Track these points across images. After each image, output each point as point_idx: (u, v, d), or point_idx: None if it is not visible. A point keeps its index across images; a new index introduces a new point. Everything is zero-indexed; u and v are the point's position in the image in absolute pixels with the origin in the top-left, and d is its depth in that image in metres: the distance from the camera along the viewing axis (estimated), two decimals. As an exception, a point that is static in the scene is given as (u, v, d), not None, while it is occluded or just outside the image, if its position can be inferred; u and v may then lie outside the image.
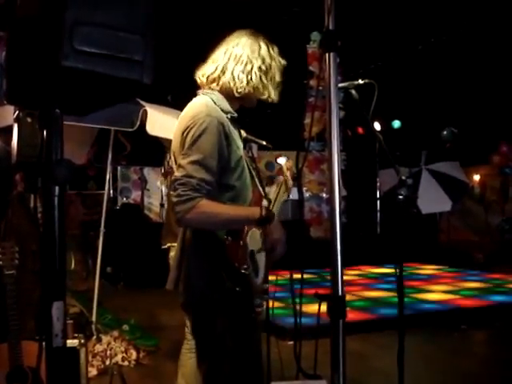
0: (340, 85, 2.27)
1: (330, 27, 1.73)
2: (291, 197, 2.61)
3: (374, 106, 2.32)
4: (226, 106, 2.21)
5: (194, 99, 2.25)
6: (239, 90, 2.20)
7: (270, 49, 2.28)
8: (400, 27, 8.60)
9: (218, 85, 2.23)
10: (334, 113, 1.70)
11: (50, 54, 1.26)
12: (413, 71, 10.37)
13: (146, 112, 4.65)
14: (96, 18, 1.29)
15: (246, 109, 2.34)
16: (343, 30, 1.73)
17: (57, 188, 1.42)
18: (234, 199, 2.14)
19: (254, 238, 2.16)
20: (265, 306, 2.27)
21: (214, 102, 2.18)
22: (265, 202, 2.24)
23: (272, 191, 2.37)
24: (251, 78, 2.20)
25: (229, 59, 2.21)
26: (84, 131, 5.85)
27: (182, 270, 2.14)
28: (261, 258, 2.22)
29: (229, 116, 2.19)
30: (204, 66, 2.29)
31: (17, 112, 1.50)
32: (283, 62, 2.32)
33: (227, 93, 2.22)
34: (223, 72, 2.21)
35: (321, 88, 1.72)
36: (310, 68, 9.20)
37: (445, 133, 11.51)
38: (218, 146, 2.05)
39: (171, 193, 2.03)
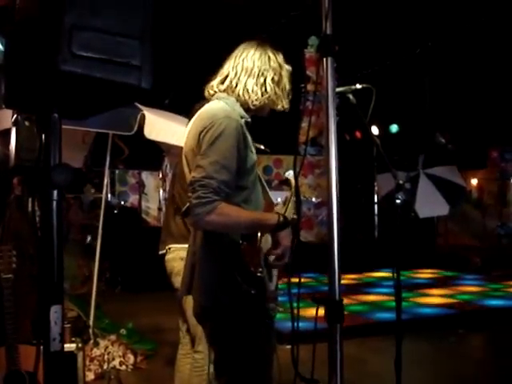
0: (337, 89, 2.28)
1: (328, 32, 1.74)
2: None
3: (372, 110, 2.33)
4: (241, 111, 2.18)
5: (208, 104, 2.21)
6: (254, 103, 2.19)
7: (278, 57, 2.26)
8: (398, 31, 8.63)
9: (232, 94, 2.20)
10: (332, 117, 1.71)
11: (49, 58, 1.26)
12: (410, 75, 10.40)
13: (144, 116, 4.64)
14: (94, 22, 1.30)
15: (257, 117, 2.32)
16: (340, 34, 1.74)
17: (55, 192, 1.42)
18: (247, 201, 2.10)
19: (267, 243, 2.12)
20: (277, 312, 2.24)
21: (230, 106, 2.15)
22: (278, 208, 2.22)
23: (279, 208, 2.34)
24: (265, 90, 2.19)
25: (241, 72, 2.20)
26: (82, 135, 5.85)
27: (195, 275, 2.10)
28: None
29: (243, 121, 2.14)
30: (213, 80, 2.26)
31: (15, 116, 1.50)
32: (289, 68, 2.30)
33: (241, 104, 2.20)
34: (236, 85, 2.19)
35: (318, 93, 1.72)
36: (308, 72, 9.23)
37: (435, 140, 11.62)
38: (237, 147, 2.02)
39: (189, 194, 1.96)
